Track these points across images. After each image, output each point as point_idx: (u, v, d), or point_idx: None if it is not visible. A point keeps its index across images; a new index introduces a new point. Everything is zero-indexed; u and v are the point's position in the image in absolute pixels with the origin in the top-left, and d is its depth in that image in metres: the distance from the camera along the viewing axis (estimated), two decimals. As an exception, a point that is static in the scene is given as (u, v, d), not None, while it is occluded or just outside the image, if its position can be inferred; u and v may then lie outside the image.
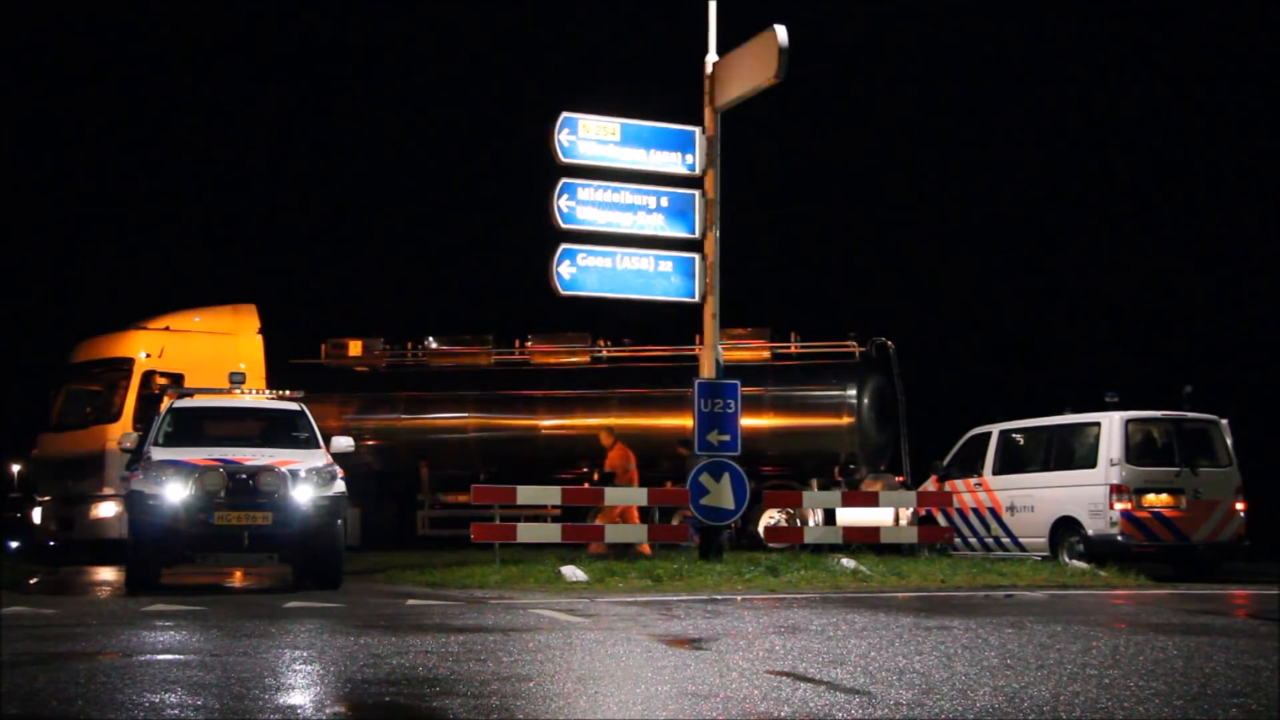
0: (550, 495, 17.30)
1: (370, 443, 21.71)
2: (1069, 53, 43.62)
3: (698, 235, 15.35)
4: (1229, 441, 16.46)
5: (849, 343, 21.12)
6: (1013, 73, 43.16)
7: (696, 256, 15.32)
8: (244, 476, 12.84)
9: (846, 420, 20.75)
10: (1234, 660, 7.29)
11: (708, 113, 15.34)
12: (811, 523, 19.06)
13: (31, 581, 15.26)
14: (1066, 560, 15.70)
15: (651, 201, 15.33)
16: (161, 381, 18.66)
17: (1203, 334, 33.74)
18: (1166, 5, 39.83)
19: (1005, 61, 42.89)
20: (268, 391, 16.22)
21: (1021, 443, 17.61)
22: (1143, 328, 35.05)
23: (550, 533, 16.58)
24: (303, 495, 12.93)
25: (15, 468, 22.61)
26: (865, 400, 20.79)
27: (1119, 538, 15.67)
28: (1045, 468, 16.89)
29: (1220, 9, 39.96)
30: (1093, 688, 6.26)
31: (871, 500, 18.39)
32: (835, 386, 20.89)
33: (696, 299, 15.34)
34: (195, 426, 14.32)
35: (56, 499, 19.79)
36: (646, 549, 17.53)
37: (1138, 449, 16.08)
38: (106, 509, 19.01)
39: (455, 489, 21.53)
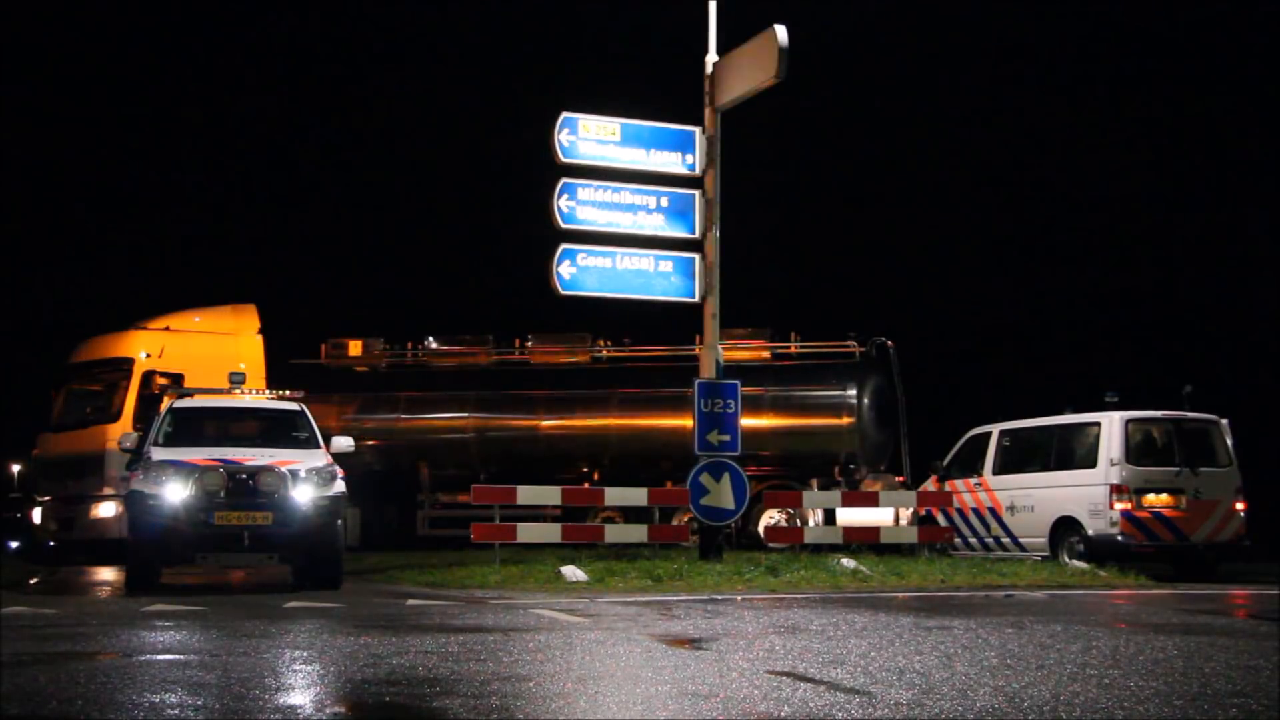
0: (550, 495, 17.28)
1: (370, 443, 21.69)
2: (1069, 52, 43.66)
3: (698, 235, 15.35)
4: (1229, 441, 16.45)
5: (849, 343, 21.11)
6: (1013, 72, 43.19)
7: (696, 256, 15.32)
8: (244, 476, 12.83)
9: (846, 420, 20.74)
10: (1234, 660, 7.29)
11: (708, 113, 15.34)
12: (811, 523, 19.06)
13: (31, 581, 15.26)
14: (1066, 560, 15.69)
15: (651, 201, 15.33)
16: (161, 381, 18.65)
17: (1203, 334, 33.75)
18: (1166, 5, 39.84)
19: (1005, 61, 42.92)
20: (268, 391, 16.21)
21: (1022, 443, 17.60)
22: (1143, 328, 35.07)
23: (550, 533, 16.58)
24: (303, 495, 12.93)
25: (15, 468, 22.61)
26: (865, 400, 20.78)
27: (1119, 538, 15.66)
28: (1045, 468, 16.88)
29: (1220, 10, 40.00)
30: (1093, 688, 6.26)
31: (871, 500, 18.39)
32: (835, 386, 20.89)
33: (696, 299, 15.34)
34: (195, 426, 14.32)
35: (56, 499, 19.78)
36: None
37: (1138, 449, 16.08)
38: (106, 509, 19.01)
39: (455, 489, 21.52)
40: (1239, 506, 16.18)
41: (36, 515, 20.10)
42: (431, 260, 41.82)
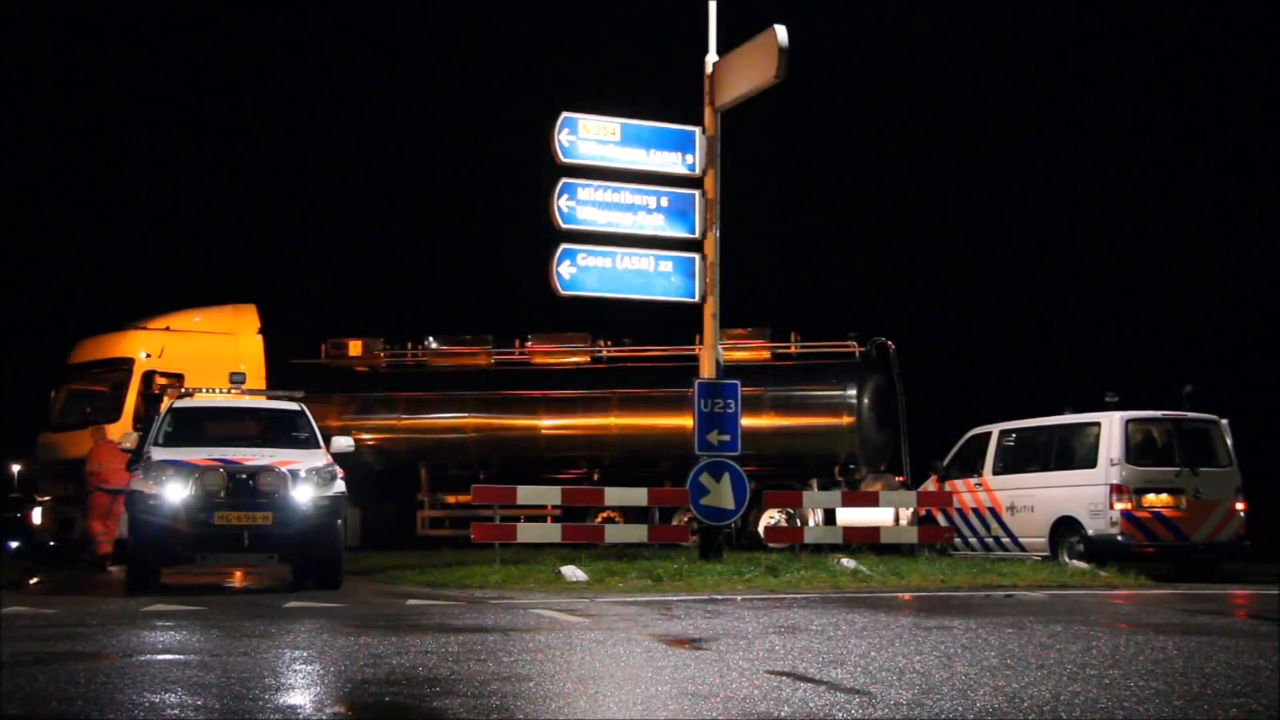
0: (550, 495, 17.30)
1: (370, 443, 21.71)
2: (1069, 52, 43.65)
3: (698, 235, 15.35)
4: (1229, 441, 16.45)
5: (849, 343, 21.12)
6: (1013, 72, 43.17)
7: (696, 256, 15.33)
8: (244, 476, 12.83)
9: (846, 420, 20.75)
10: (1234, 660, 7.29)
11: (708, 113, 15.34)
12: (811, 523, 19.07)
13: (31, 581, 15.26)
14: (1066, 560, 15.69)
15: (651, 201, 15.34)
16: (161, 381, 18.65)
17: (1203, 334, 33.74)
18: (1167, 6, 39.84)
19: (1006, 61, 42.90)
20: (267, 391, 16.21)
21: (1022, 443, 17.59)
22: (1143, 328, 35.06)
23: (550, 533, 16.59)
24: (303, 495, 12.93)
25: (15, 468, 22.59)
26: (865, 400, 20.79)
27: (1119, 537, 15.66)
28: (1045, 468, 16.88)
29: (1220, 11, 40.01)
30: (1093, 688, 6.26)
31: (871, 500, 18.40)
32: (835, 386, 20.89)
33: (696, 299, 15.35)
34: (195, 426, 14.32)
35: (56, 499, 19.78)
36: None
37: (1138, 449, 16.08)
38: (106, 509, 18.96)
39: (455, 489, 21.53)
40: (1239, 506, 16.18)
41: (36, 515, 20.09)
42: (431, 260, 41.79)
